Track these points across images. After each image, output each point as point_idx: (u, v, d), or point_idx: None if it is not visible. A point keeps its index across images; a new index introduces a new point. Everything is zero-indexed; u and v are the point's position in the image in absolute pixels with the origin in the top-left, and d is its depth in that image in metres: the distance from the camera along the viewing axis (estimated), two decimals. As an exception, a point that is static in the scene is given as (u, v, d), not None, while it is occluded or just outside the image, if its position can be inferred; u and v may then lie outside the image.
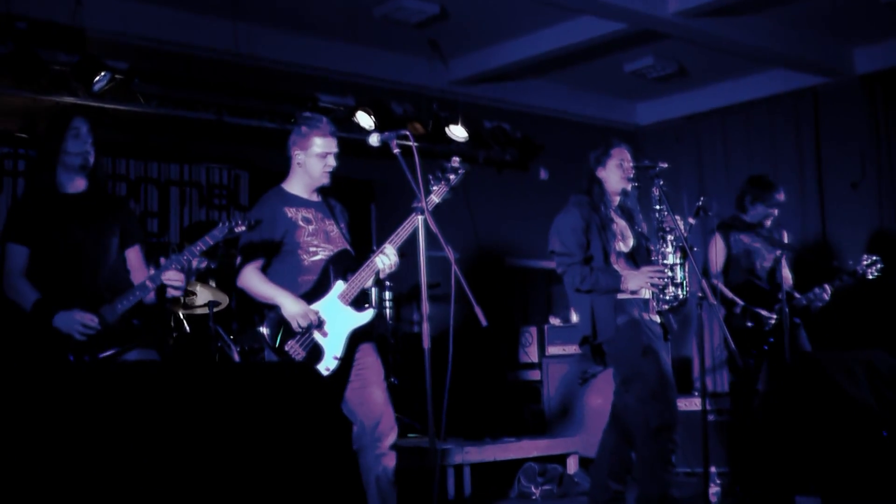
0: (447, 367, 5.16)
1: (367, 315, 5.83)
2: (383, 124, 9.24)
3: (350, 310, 5.78)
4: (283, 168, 6.02)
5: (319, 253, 5.82)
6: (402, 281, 9.09)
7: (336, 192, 6.11)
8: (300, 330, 5.64)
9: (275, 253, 5.81)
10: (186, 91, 8.77)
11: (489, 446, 8.24)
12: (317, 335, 5.68)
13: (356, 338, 5.80)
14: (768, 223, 7.90)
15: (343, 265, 5.84)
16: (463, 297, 5.12)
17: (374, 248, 6.06)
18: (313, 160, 5.86)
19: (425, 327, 5.18)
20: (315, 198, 5.97)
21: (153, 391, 3.57)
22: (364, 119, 9.43)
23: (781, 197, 7.92)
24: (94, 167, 5.50)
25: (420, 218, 5.29)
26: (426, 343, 5.17)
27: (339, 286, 5.77)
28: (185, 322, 7.96)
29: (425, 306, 5.22)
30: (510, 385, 10.06)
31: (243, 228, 5.48)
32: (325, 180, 5.90)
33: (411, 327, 9.50)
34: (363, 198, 9.91)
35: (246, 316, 8.31)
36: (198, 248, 5.35)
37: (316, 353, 5.67)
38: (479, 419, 9.08)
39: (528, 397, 9.78)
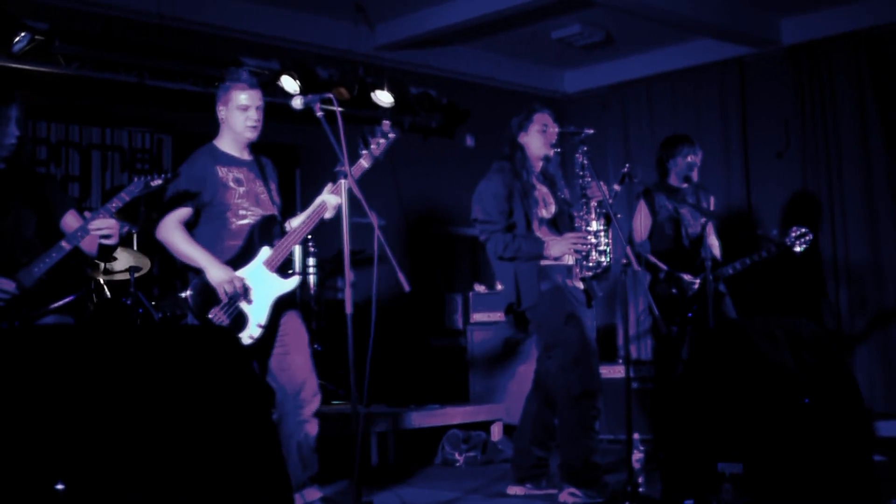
0: (370, 333, 5.18)
1: (291, 282, 5.82)
2: (308, 88, 9.19)
3: (275, 276, 5.76)
4: (207, 131, 5.98)
5: (247, 217, 5.78)
6: (325, 247, 9.07)
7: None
8: (226, 298, 5.60)
9: (201, 210, 5.78)
10: (108, 53, 8.64)
11: (413, 413, 8.27)
12: (241, 303, 5.66)
13: (280, 305, 5.78)
14: (695, 176, 7.88)
15: (269, 230, 5.81)
16: (387, 264, 5.13)
17: (298, 212, 6.04)
18: (235, 114, 5.81)
19: (348, 293, 5.20)
20: (246, 156, 5.94)
21: (66, 355, 3.53)
22: (289, 83, 9.36)
23: (696, 148, 7.92)
24: (17, 149, 5.43)
25: (343, 183, 5.29)
26: (349, 309, 5.19)
27: (265, 252, 5.74)
28: (105, 288, 7.89)
29: (349, 273, 5.22)
30: (435, 352, 10.09)
31: (160, 182, 5.45)
32: (250, 134, 5.85)
33: (335, 294, 9.48)
34: (288, 163, 9.85)
35: (168, 281, 8.26)
36: (114, 204, 5.31)
37: (240, 320, 5.65)
38: (403, 386, 9.10)
39: (452, 364, 9.81)
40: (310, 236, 8.24)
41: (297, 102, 5.56)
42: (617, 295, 10.68)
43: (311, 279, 9.07)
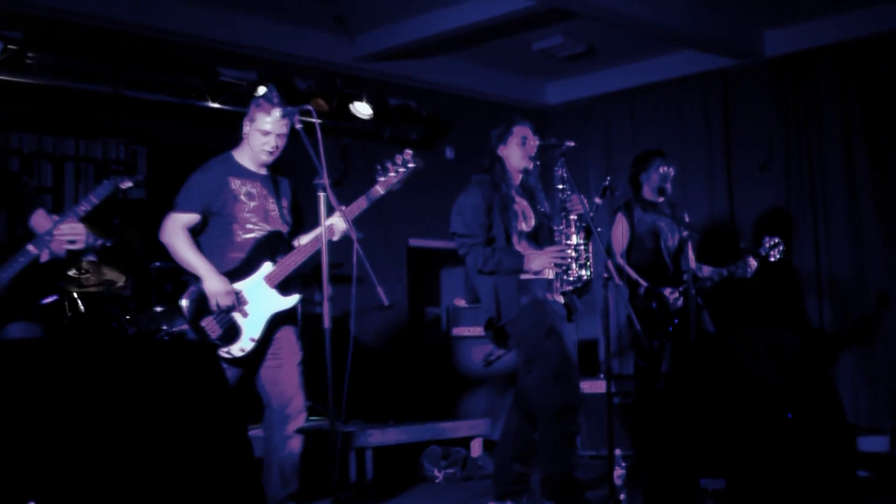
0: (349, 348, 5.17)
1: (291, 300, 5.88)
2: (286, 100, 9.14)
3: (274, 293, 5.82)
4: (183, 143, 5.98)
5: (254, 231, 5.84)
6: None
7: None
8: (218, 309, 5.63)
9: (209, 218, 5.81)
10: (83, 62, 8.61)
11: (392, 429, 8.26)
12: (236, 315, 5.69)
13: (278, 320, 5.83)
14: (668, 187, 7.90)
15: (273, 246, 5.86)
16: (366, 278, 5.13)
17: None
18: (256, 135, 5.86)
19: (326, 307, 5.20)
20: (262, 171, 5.97)
21: (36, 370, 3.52)
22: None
23: (667, 159, 7.95)
24: None
25: (322, 196, 5.30)
26: (327, 323, 5.18)
27: (267, 267, 5.80)
28: (79, 302, 7.85)
29: (326, 286, 5.22)
30: (414, 367, 10.08)
31: (130, 185, 5.46)
32: (265, 158, 5.90)
33: (313, 308, 9.46)
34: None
35: (143, 297, 8.22)
36: (81, 207, 5.30)
37: (232, 332, 5.70)
38: (382, 401, 9.08)
39: (432, 379, 9.80)
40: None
41: (276, 114, 5.59)
42: (596, 308, 10.70)
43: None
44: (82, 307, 7.84)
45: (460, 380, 9.42)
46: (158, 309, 5.68)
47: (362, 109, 10.17)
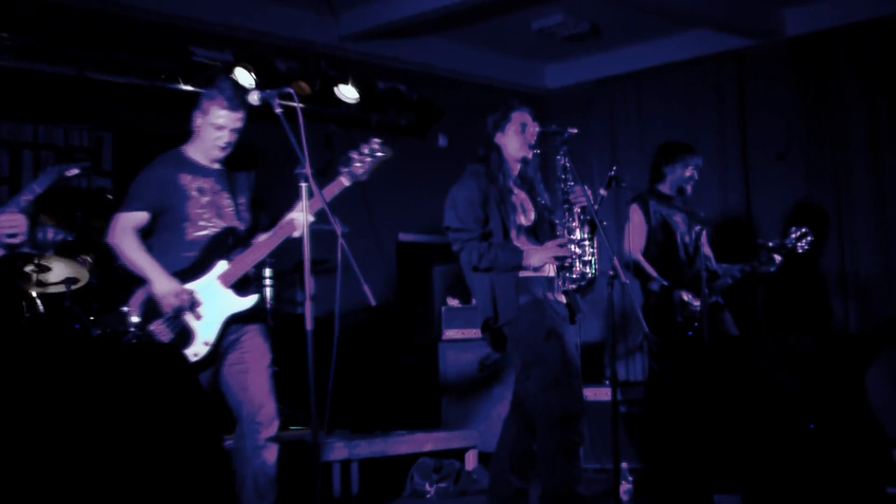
0: (332, 351, 5.19)
1: (248, 301, 5.88)
2: (265, 82, 9.19)
3: (230, 293, 5.82)
4: (153, 128, 5.99)
5: (207, 229, 5.84)
6: (284, 256, 9.05)
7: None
8: (169, 311, 5.64)
9: (158, 217, 5.83)
10: (44, 42, 8.62)
11: (379, 440, 8.27)
12: (189, 318, 5.70)
13: (236, 322, 5.82)
14: (689, 189, 7.92)
15: (228, 244, 5.86)
16: (351, 275, 5.14)
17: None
18: (209, 129, 5.89)
19: (308, 307, 5.21)
20: (215, 166, 5.99)
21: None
22: (243, 76, 9.36)
23: (699, 160, 7.96)
24: None
25: (304, 186, 5.31)
26: (309, 325, 5.19)
27: (221, 266, 5.80)
28: (38, 301, 7.85)
29: (309, 285, 5.24)
30: (404, 372, 10.10)
31: (76, 172, 5.48)
32: (218, 153, 5.94)
33: (294, 308, 9.47)
34: (242, 164, 9.82)
35: (109, 295, 8.22)
36: (24, 197, 5.31)
37: (185, 336, 5.70)
38: (368, 410, 9.09)
39: (423, 386, 9.82)
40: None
41: (254, 98, 5.61)
42: (602, 308, 10.70)
43: (268, 292, 9.06)
44: (41, 307, 7.84)
45: (454, 386, 9.43)
46: (126, 308, 5.67)
47: (348, 93, 10.19)
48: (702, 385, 7.27)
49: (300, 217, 5.75)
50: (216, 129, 5.85)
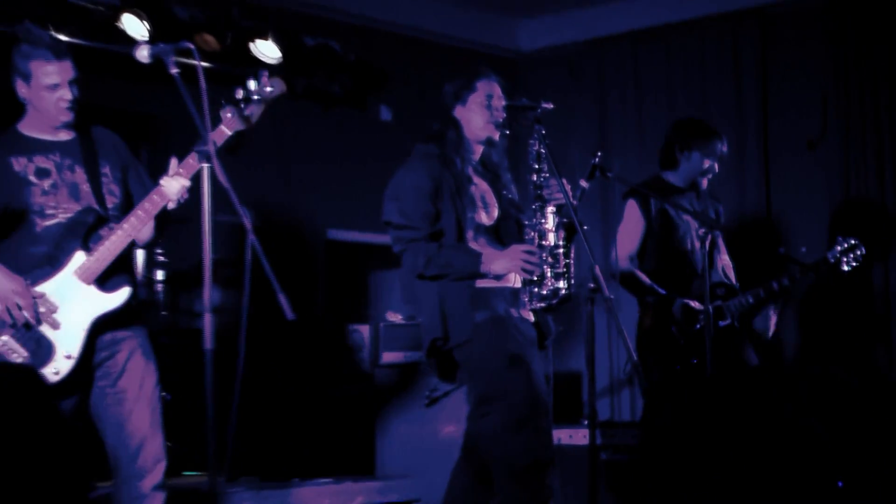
0: (237, 377, 5.18)
1: (117, 297, 5.81)
2: (161, 34, 9.15)
3: (92, 290, 5.75)
4: (10, 89, 5.94)
5: (58, 215, 5.78)
6: (179, 255, 9.04)
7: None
8: (13, 320, 5.58)
9: (1, 215, 5.76)
10: None
11: (296, 489, 8.28)
12: (43, 327, 5.64)
13: (105, 327, 5.78)
14: (704, 184, 7.90)
15: (87, 231, 5.80)
16: (264, 281, 5.14)
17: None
18: (42, 94, 5.81)
19: (208, 321, 5.19)
20: (64, 135, 5.94)
21: None
22: (133, 25, 9.33)
23: (724, 147, 7.93)
24: None
25: (206, 167, 5.28)
26: (209, 343, 5.18)
27: (78, 258, 5.73)
28: None
29: (209, 292, 5.22)
30: (329, 405, 10.10)
31: None
32: (65, 117, 5.87)
33: (191, 321, 9.46)
34: (131, 136, 9.77)
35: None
36: None
37: (41, 351, 5.62)
38: (283, 452, 9.11)
39: (353, 423, 9.83)
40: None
41: (144, 53, 5.56)
42: (579, 330, 10.73)
43: (159, 300, 9.04)
44: None
45: (392, 424, 9.44)
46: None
47: (266, 51, 10.19)
48: (706, 427, 7.31)
49: (171, 184, 5.71)
50: (50, 90, 5.76)
